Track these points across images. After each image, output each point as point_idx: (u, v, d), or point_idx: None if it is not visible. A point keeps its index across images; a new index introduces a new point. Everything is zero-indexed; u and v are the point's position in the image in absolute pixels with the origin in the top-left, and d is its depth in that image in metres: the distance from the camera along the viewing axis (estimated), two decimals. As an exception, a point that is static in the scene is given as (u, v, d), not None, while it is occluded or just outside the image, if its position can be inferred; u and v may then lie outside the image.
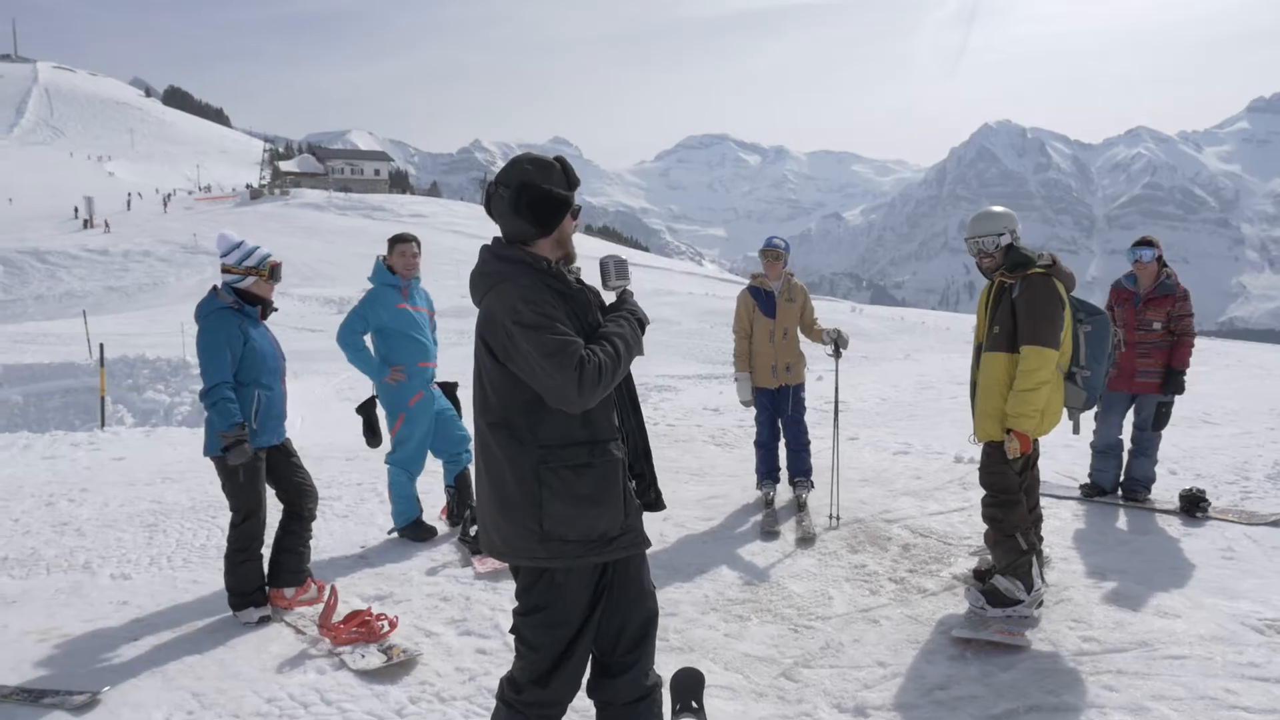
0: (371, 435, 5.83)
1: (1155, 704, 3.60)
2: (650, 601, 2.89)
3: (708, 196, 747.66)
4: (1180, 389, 6.10)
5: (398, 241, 5.87)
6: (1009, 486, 4.49)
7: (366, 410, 5.84)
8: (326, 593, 4.67)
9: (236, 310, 4.63)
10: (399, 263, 5.79)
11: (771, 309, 6.40)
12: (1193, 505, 5.90)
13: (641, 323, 2.83)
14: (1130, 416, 6.30)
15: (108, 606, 5.10)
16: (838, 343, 6.21)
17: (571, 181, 2.74)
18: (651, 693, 2.91)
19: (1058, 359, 4.40)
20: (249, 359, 4.60)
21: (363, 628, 4.42)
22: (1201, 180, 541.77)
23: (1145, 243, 6.21)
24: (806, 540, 5.71)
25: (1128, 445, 6.33)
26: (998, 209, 4.59)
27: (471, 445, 6.18)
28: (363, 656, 4.21)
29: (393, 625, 4.48)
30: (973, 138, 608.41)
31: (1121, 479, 6.32)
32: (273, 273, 4.72)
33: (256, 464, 4.66)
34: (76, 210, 65.19)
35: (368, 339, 5.86)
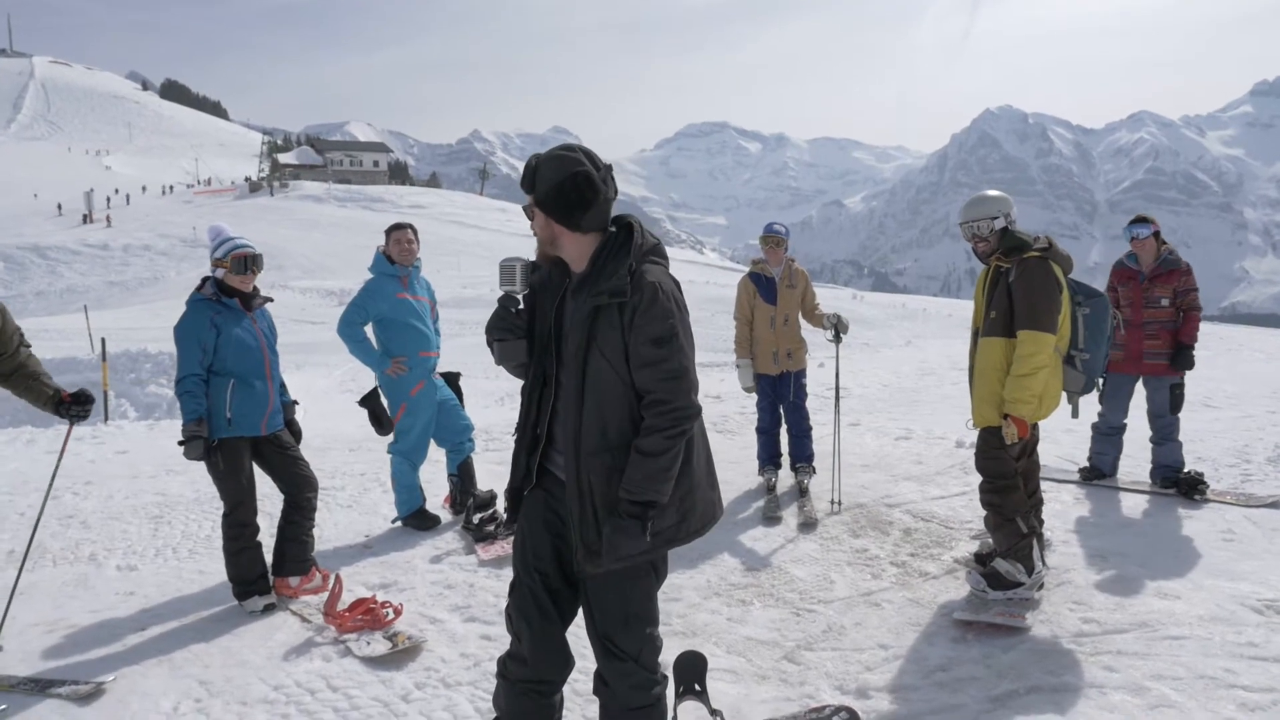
0: (379, 425, 5.84)
1: (1155, 684, 3.63)
2: (606, 625, 2.81)
3: (708, 185, 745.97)
4: (1190, 364, 6.07)
5: (394, 229, 5.90)
6: (1005, 471, 4.50)
7: (371, 402, 5.86)
8: (331, 581, 4.70)
9: (213, 301, 4.66)
10: (396, 250, 5.82)
11: (772, 295, 6.41)
12: (1191, 488, 5.92)
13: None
14: (1139, 403, 6.29)
15: (114, 597, 5.14)
16: (838, 328, 6.23)
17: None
18: (654, 703, 2.89)
19: (1055, 342, 4.40)
20: (224, 350, 4.62)
21: (368, 615, 4.45)
22: (1204, 165, 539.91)
23: (1141, 220, 6.21)
24: (808, 525, 5.74)
25: (1145, 434, 6.30)
26: (992, 193, 4.57)
27: (473, 435, 6.24)
28: (368, 644, 4.25)
29: (397, 612, 4.52)
30: (974, 123, 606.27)
31: (1150, 468, 6.24)
32: (237, 265, 4.66)
33: (236, 454, 4.67)
34: (60, 207, 64.81)
35: (369, 330, 5.88)
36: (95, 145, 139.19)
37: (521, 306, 2.87)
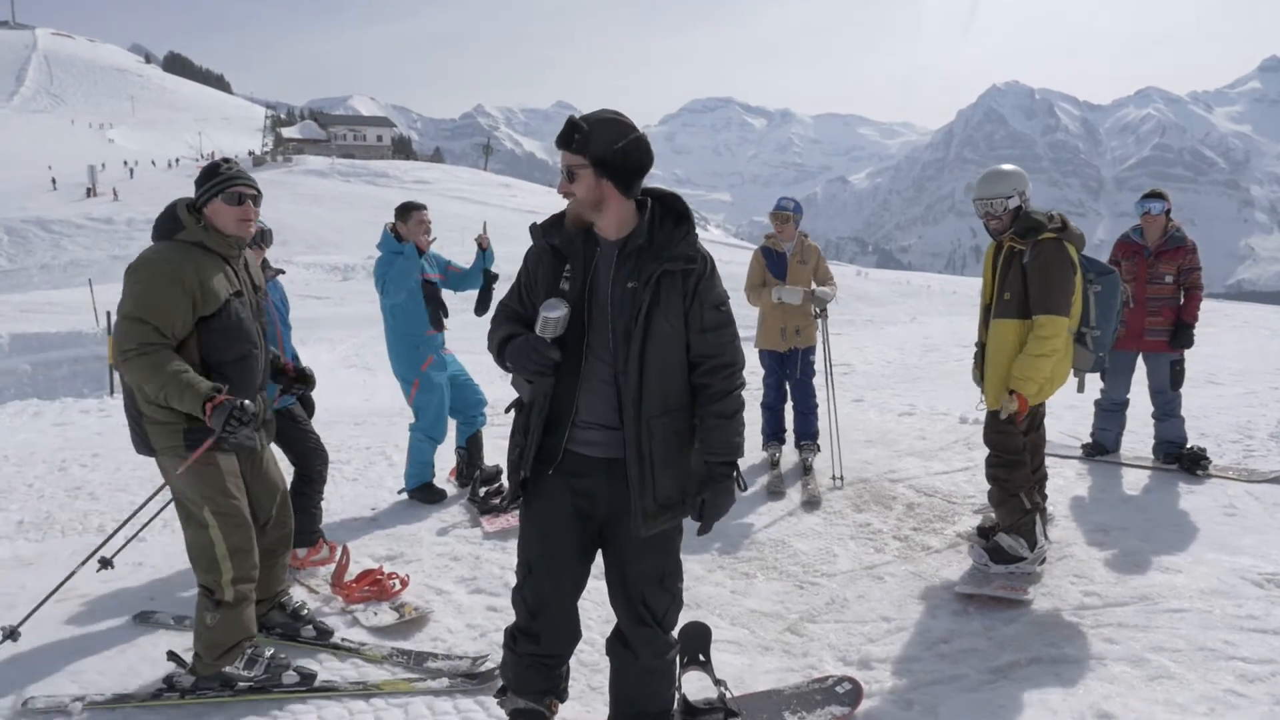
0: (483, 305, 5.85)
1: (1155, 655, 3.66)
2: (643, 591, 2.87)
3: (713, 161, 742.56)
4: (1190, 342, 6.08)
5: (412, 209, 5.84)
6: (1013, 447, 4.51)
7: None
8: (339, 553, 4.74)
9: None
10: (417, 230, 5.77)
11: (782, 271, 6.37)
12: (1193, 464, 5.93)
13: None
14: (1141, 379, 6.28)
15: (123, 567, 5.15)
16: (813, 302, 6.23)
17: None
18: (669, 666, 3.00)
19: (1069, 324, 4.39)
20: None
21: (374, 586, 4.50)
22: (1211, 141, 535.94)
23: (1156, 195, 6.14)
24: (812, 503, 5.75)
25: (1147, 410, 6.29)
26: (1007, 168, 4.48)
27: (486, 409, 6.25)
28: (375, 614, 4.29)
29: (404, 584, 4.56)
30: (980, 99, 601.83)
31: (1153, 444, 6.24)
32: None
33: None
34: (54, 182, 64.39)
35: (376, 308, 5.89)
36: (99, 118, 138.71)
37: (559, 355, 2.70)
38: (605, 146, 2.61)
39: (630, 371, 2.69)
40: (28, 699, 3.57)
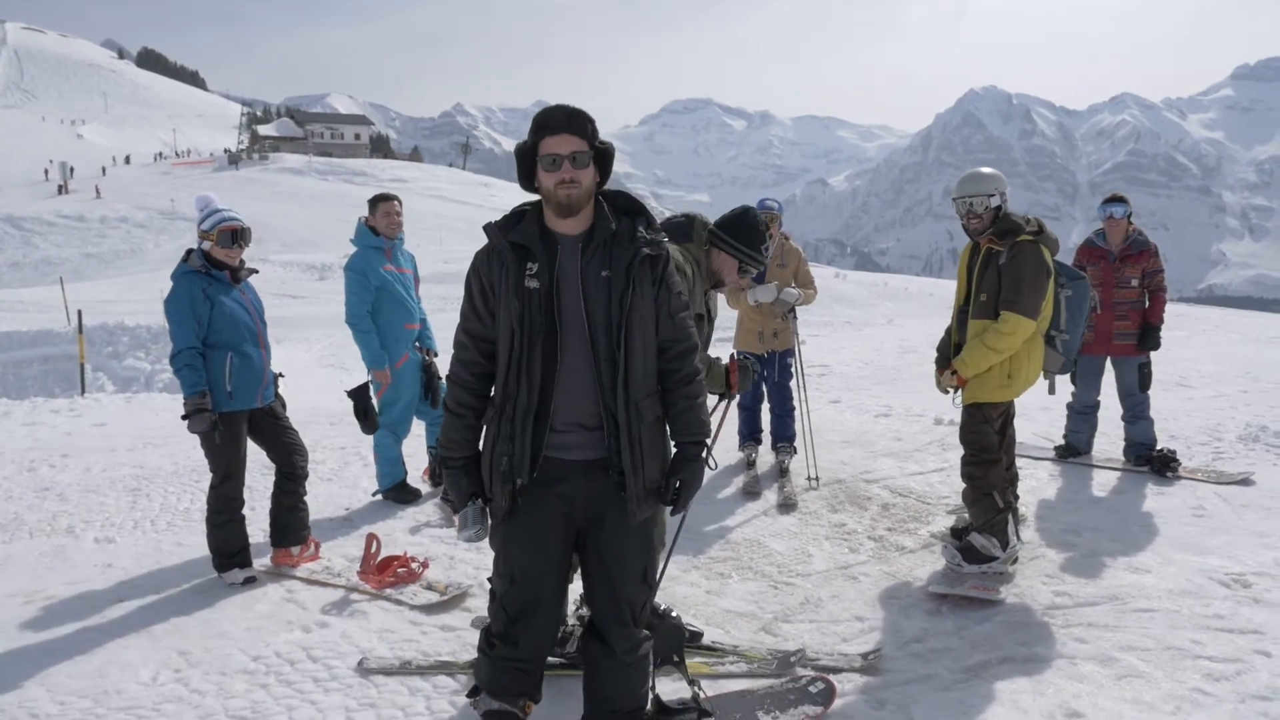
0: (364, 421, 5.71)
1: (1124, 654, 3.70)
2: (627, 587, 2.87)
3: (693, 162, 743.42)
4: (1157, 345, 6.16)
5: (380, 200, 5.85)
6: (989, 445, 4.55)
7: (359, 396, 5.71)
8: (371, 545, 4.78)
9: (203, 274, 4.59)
10: (383, 223, 5.77)
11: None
12: (1163, 465, 6.00)
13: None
14: (1111, 381, 6.35)
15: (92, 569, 5.12)
16: (774, 305, 6.22)
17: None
18: (644, 657, 2.99)
19: (1037, 325, 4.42)
20: (218, 323, 4.56)
21: (404, 570, 4.65)
22: (1185, 147, 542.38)
23: (1117, 199, 6.25)
24: (788, 506, 5.75)
25: (1118, 412, 6.36)
26: (987, 170, 4.56)
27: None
28: (415, 595, 4.44)
29: (424, 566, 4.70)
30: (958, 103, 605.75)
31: (1123, 446, 6.30)
32: (224, 238, 4.60)
33: (234, 427, 4.65)
34: None
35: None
36: (70, 115, 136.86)
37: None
38: (598, 136, 2.68)
39: (616, 357, 2.71)
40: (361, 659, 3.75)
